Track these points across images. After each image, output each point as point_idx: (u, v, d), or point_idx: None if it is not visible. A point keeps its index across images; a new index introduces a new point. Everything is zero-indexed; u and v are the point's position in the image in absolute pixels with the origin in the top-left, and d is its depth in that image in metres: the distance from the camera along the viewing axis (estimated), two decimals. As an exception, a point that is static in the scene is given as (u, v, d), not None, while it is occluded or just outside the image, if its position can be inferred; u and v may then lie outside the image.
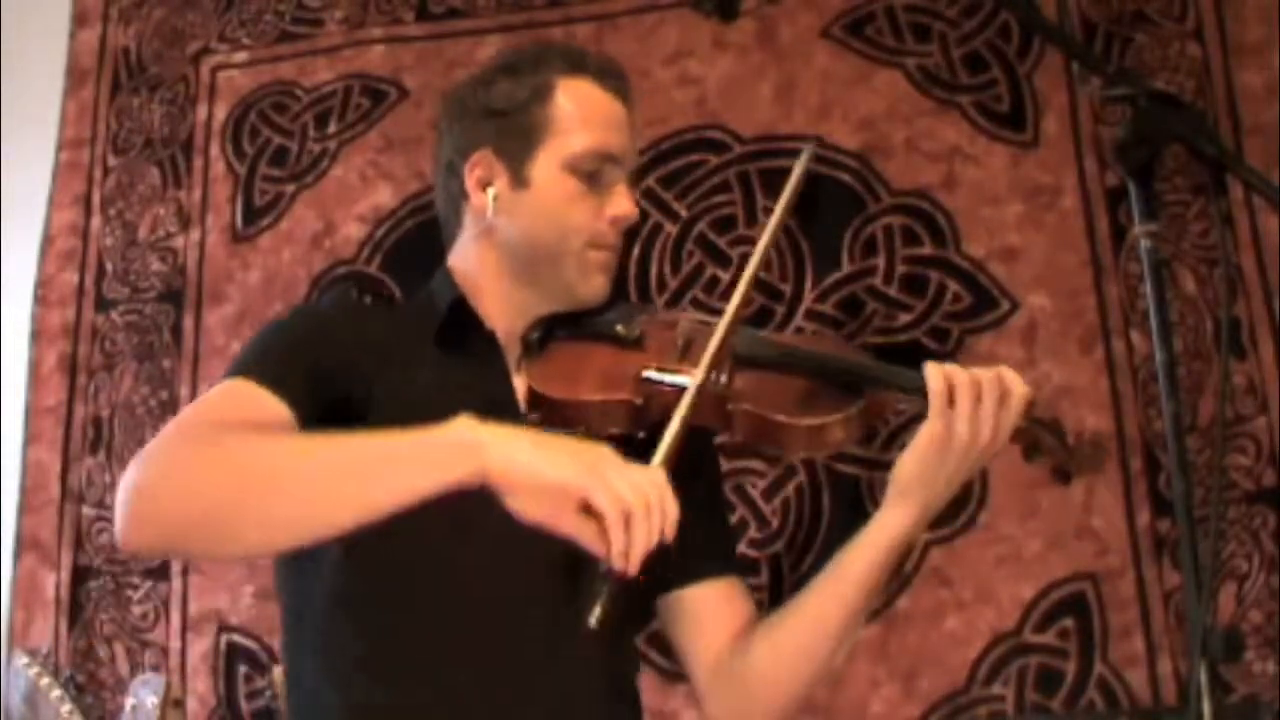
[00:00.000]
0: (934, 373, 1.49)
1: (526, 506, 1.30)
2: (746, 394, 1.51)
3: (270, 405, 1.44)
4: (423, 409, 1.46)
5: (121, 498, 1.36)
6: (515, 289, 1.61)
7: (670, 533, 1.30)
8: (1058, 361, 2.58)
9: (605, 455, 1.32)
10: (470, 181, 1.61)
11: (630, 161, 1.65)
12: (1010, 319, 2.63)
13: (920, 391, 1.49)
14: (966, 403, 1.47)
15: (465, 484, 1.30)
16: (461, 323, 1.60)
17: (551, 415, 1.50)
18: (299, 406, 1.44)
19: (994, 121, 2.73)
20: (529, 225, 1.59)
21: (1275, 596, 2.41)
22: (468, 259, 1.64)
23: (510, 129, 1.60)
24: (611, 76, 1.65)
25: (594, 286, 1.60)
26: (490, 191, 1.60)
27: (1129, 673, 2.43)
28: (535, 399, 1.53)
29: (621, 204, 1.61)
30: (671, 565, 1.59)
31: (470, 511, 1.35)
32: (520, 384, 1.57)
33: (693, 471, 1.47)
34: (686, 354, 1.54)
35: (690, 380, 1.44)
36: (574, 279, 1.59)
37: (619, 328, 1.59)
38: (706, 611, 1.62)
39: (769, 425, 1.51)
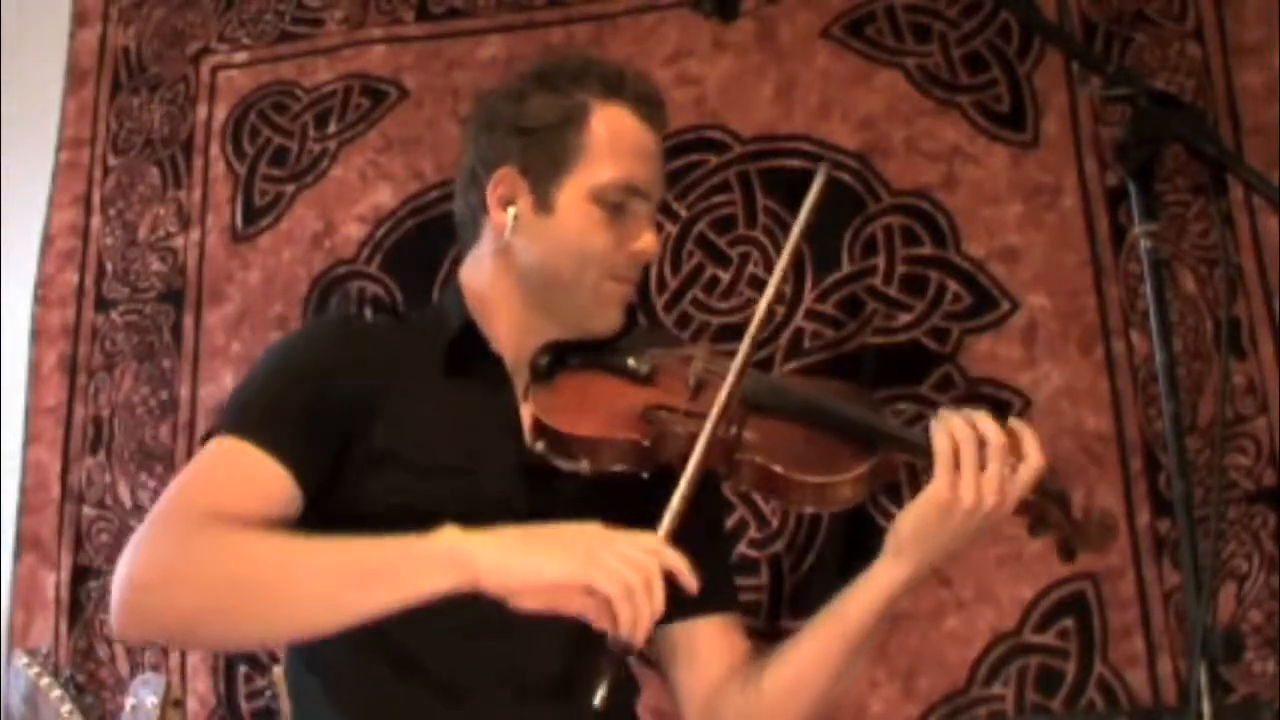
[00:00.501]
0: (942, 434, 1.45)
1: (528, 603, 1.32)
2: (755, 445, 1.48)
3: (267, 472, 1.43)
4: (428, 435, 1.47)
5: (116, 588, 1.38)
6: (527, 312, 1.59)
7: (690, 584, 1.32)
8: (1058, 361, 2.58)
9: (598, 538, 1.33)
10: (492, 197, 1.59)
11: (657, 194, 1.62)
12: (1010, 319, 2.63)
13: (931, 454, 1.46)
14: (972, 468, 1.44)
15: (456, 591, 1.31)
16: (470, 347, 1.57)
17: (555, 447, 1.48)
18: (297, 465, 1.44)
19: (994, 121, 2.73)
20: (547, 251, 1.56)
21: (1275, 596, 2.41)
22: (481, 275, 1.62)
23: (539, 150, 1.57)
24: (648, 104, 1.61)
25: (607, 320, 1.58)
26: (511, 211, 1.57)
27: (1129, 673, 2.43)
28: (540, 429, 1.51)
29: (643, 238, 1.58)
30: (670, 599, 1.59)
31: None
32: (527, 412, 1.55)
33: (695, 506, 1.46)
34: (698, 395, 1.50)
35: (702, 432, 1.42)
36: (587, 310, 1.57)
37: (630, 361, 1.56)
38: (701, 647, 1.61)
39: (775, 479, 1.48)
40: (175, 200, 2.98)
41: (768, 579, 2.57)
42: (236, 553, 1.37)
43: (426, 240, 2.78)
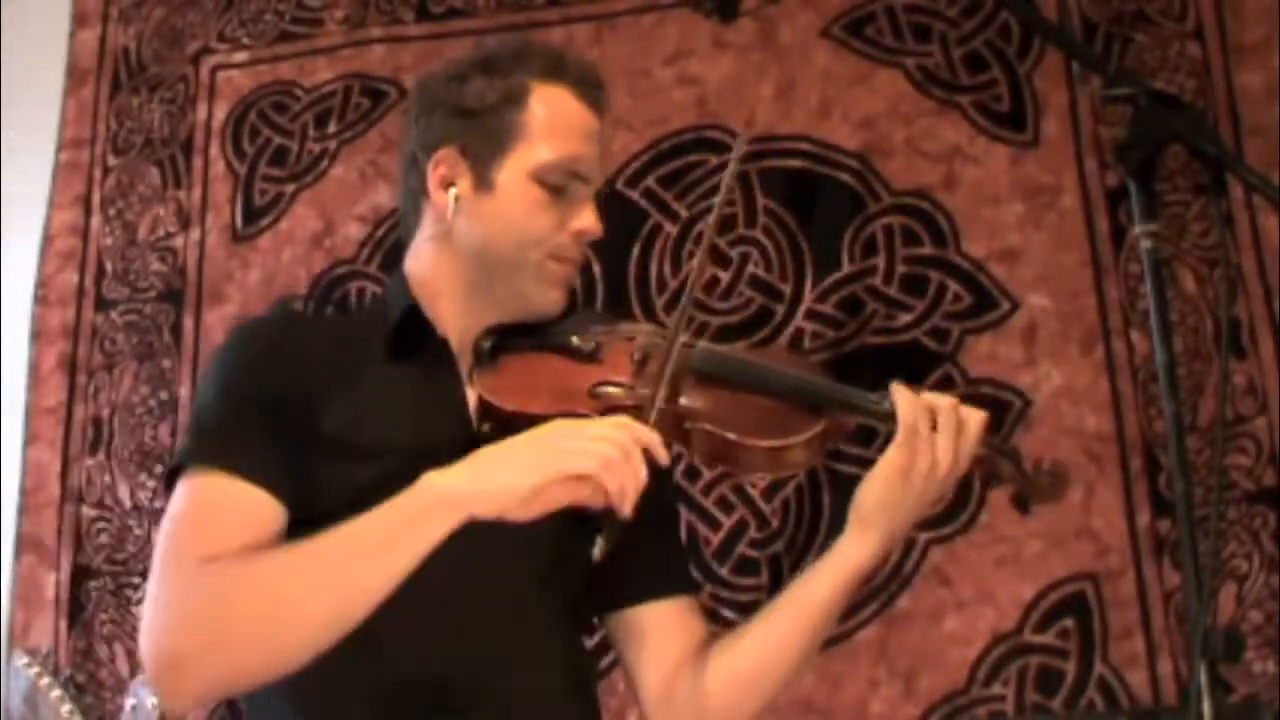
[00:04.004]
0: (904, 400, 1.49)
1: (522, 515, 1.36)
2: (704, 413, 1.49)
3: (249, 499, 1.43)
4: (372, 419, 1.47)
5: (149, 666, 1.38)
6: (470, 296, 1.58)
7: (663, 458, 1.38)
8: (1058, 361, 2.58)
9: (560, 430, 1.38)
10: (433, 179, 1.58)
11: (598, 176, 1.60)
12: (1010, 319, 2.63)
13: (883, 416, 1.50)
14: (927, 430, 1.48)
15: (454, 530, 1.35)
16: (413, 330, 1.56)
17: (502, 427, 1.46)
18: (273, 482, 1.43)
19: (994, 121, 2.73)
20: (488, 231, 1.55)
21: (1275, 596, 2.41)
22: (424, 261, 1.61)
23: (479, 129, 1.56)
24: (589, 86, 1.60)
25: (549, 300, 1.57)
26: (452, 192, 1.56)
27: (1129, 673, 2.43)
28: (486, 410, 1.51)
29: (586, 218, 1.57)
30: (621, 583, 1.59)
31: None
32: (472, 394, 1.54)
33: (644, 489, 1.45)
34: (643, 369, 1.52)
35: (648, 390, 1.45)
36: (529, 290, 1.56)
37: (574, 339, 1.56)
38: (656, 631, 1.60)
39: (726, 445, 1.49)
40: (175, 200, 2.98)
41: (767, 579, 2.57)
42: (249, 589, 1.37)
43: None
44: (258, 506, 1.43)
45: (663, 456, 1.38)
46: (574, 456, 1.34)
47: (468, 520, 1.34)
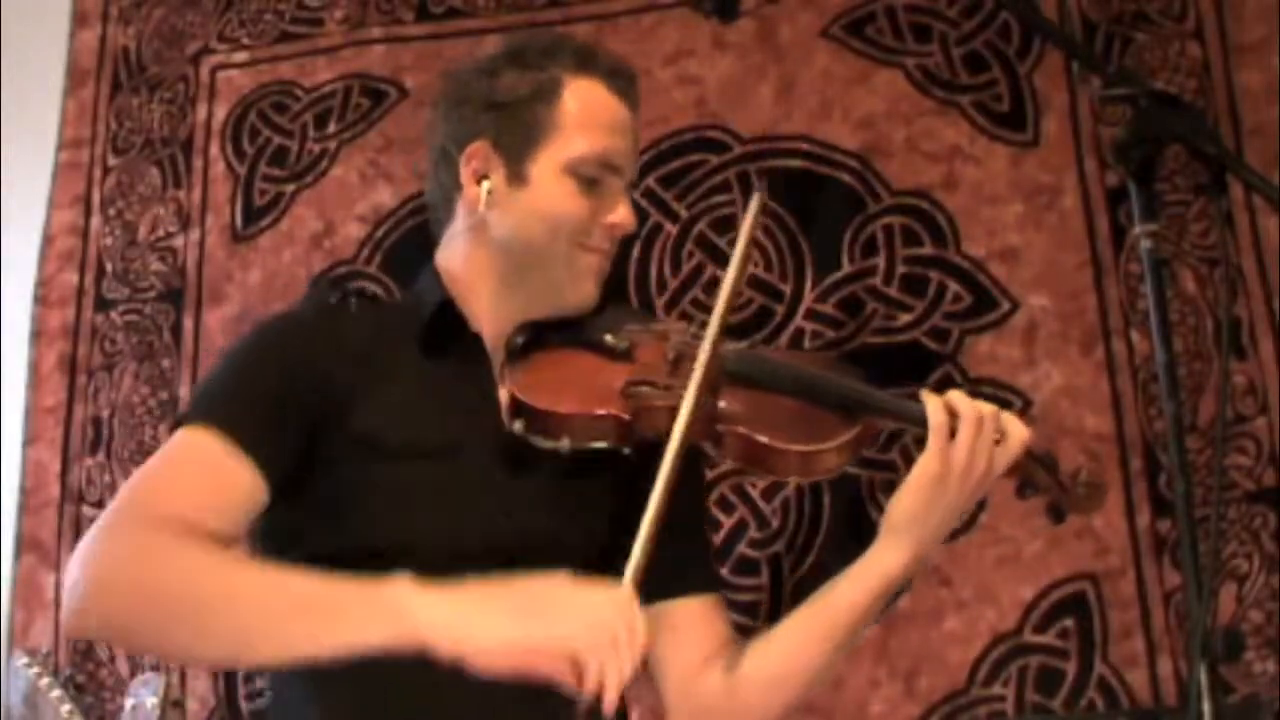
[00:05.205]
0: (935, 405, 1.48)
1: (479, 664, 1.28)
2: (737, 415, 1.48)
3: (229, 465, 1.41)
4: (405, 418, 1.46)
5: (69, 583, 1.36)
6: (503, 290, 1.58)
7: (643, 648, 1.29)
8: (1058, 361, 2.58)
9: (553, 605, 1.29)
10: (465, 173, 1.58)
11: (631, 169, 1.62)
12: (1010, 319, 2.63)
13: (919, 421, 1.48)
14: (966, 436, 1.46)
15: (394, 645, 1.28)
16: (447, 325, 1.56)
17: (534, 425, 1.46)
18: (262, 456, 1.42)
19: (994, 121, 2.73)
20: (521, 223, 1.56)
21: (1275, 596, 2.41)
22: (456, 255, 1.61)
23: (512, 123, 1.56)
24: (621, 79, 1.61)
25: (583, 292, 1.57)
26: (485, 185, 1.57)
27: (1129, 673, 2.43)
28: (518, 407, 1.49)
29: (619, 212, 1.57)
30: (652, 576, 1.58)
31: (464, 512, 1.34)
32: (504, 392, 1.53)
33: (676, 485, 1.45)
34: (676, 369, 1.50)
35: (684, 405, 1.41)
36: (563, 282, 1.56)
37: (608, 337, 1.55)
38: (682, 628, 1.59)
39: (759, 448, 1.47)
40: (175, 200, 2.98)
41: (768, 579, 2.57)
42: (183, 567, 1.35)
43: (427, 240, 2.76)
44: (235, 473, 1.41)
45: (643, 647, 1.29)
46: (559, 655, 1.26)
47: (413, 645, 1.27)
